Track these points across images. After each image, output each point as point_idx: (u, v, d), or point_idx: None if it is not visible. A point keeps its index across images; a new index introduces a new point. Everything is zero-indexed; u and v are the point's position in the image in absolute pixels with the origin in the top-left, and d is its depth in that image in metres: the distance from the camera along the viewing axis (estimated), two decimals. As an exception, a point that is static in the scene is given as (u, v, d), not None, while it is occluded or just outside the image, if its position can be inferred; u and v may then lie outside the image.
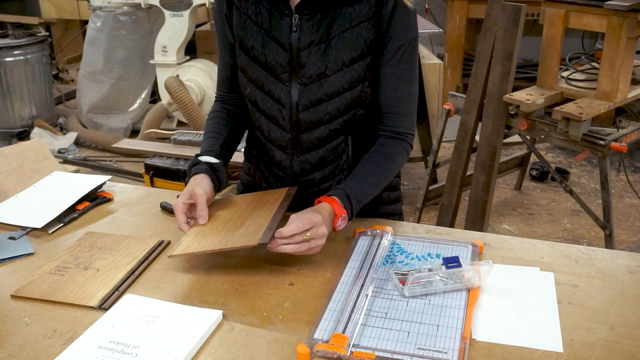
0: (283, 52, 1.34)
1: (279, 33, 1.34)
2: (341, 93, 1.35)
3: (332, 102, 1.35)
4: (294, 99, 1.36)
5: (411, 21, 1.35)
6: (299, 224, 1.19)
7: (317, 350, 0.99)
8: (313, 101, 1.36)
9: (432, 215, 3.45)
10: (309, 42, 1.33)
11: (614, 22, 2.52)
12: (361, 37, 1.32)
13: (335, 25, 1.32)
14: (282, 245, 1.20)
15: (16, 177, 1.63)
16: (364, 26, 1.31)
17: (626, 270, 1.22)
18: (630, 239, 3.26)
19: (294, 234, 1.19)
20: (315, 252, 1.23)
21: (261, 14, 1.36)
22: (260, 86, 1.39)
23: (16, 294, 1.17)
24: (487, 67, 2.79)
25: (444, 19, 4.98)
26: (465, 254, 1.27)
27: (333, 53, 1.32)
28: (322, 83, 1.34)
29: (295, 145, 1.40)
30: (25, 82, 4.65)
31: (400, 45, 1.34)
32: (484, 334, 1.04)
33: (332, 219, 1.27)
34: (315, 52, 1.33)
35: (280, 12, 1.34)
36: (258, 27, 1.36)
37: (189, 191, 1.31)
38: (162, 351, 0.99)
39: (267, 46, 1.35)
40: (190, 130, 3.39)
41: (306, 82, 1.35)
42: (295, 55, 1.34)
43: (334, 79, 1.34)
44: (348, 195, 1.31)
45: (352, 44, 1.32)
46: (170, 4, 4.36)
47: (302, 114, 1.37)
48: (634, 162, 4.19)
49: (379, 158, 1.38)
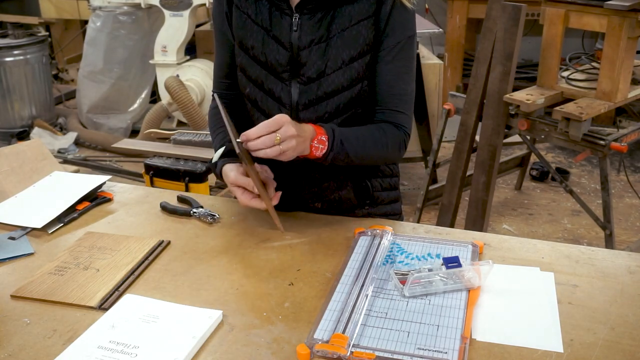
0: (283, 51, 1.35)
1: (279, 32, 1.35)
2: (341, 91, 1.35)
3: (331, 101, 1.36)
4: (294, 98, 1.37)
5: (409, 19, 1.35)
6: (264, 124, 1.18)
7: (317, 350, 0.99)
8: (313, 100, 1.36)
9: (432, 215, 3.45)
10: (309, 41, 1.33)
11: (614, 22, 2.51)
12: (361, 36, 1.32)
13: (335, 24, 1.32)
14: (252, 146, 1.18)
15: (16, 177, 1.63)
16: (363, 24, 1.32)
17: (626, 270, 1.22)
18: (630, 239, 3.26)
19: (260, 135, 1.17)
20: (288, 156, 1.20)
21: (261, 13, 1.36)
22: (260, 85, 1.39)
23: (16, 294, 1.17)
24: (487, 67, 2.79)
25: (444, 19, 4.98)
26: (465, 254, 1.26)
27: (333, 52, 1.32)
28: (322, 82, 1.34)
29: None
30: (25, 82, 4.65)
31: (397, 42, 1.35)
32: (484, 334, 1.04)
33: (311, 137, 1.25)
34: (315, 51, 1.33)
35: (281, 11, 1.34)
36: (258, 26, 1.36)
37: (236, 180, 1.30)
38: (162, 351, 0.99)
39: (267, 45, 1.36)
40: (190, 130, 3.39)
41: (306, 81, 1.35)
42: (296, 54, 1.34)
43: (334, 77, 1.34)
44: (333, 129, 1.30)
45: (352, 43, 1.32)
46: (170, 4, 4.36)
47: (302, 113, 1.37)
48: (634, 162, 4.19)
49: (373, 127, 1.38)
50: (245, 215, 1.46)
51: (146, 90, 4.84)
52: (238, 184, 1.30)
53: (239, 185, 1.30)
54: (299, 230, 1.38)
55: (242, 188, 1.30)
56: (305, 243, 1.33)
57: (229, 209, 1.49)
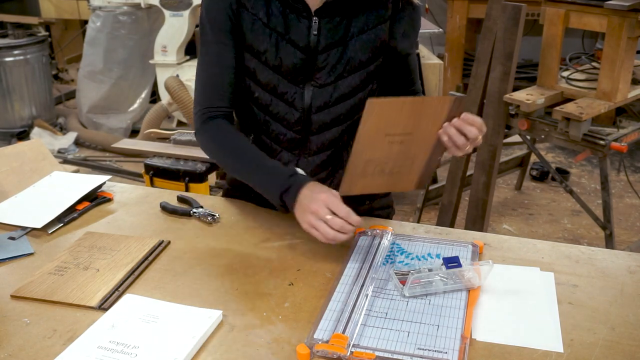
0: (300, 54, 1.32)
1: (296, 36, 1.32)
2: (354, 93, 1.35)
3: (345, 103, 1.37)
4: (307, 102, 1.36)
5: (419, 18, 1.41)
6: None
7: (317, 350, 0.99)
8: (327, 103, 1.36)
9: (432, 215, 3.45)
10: (327, 45, 1.32)
11: (614, 22, 2.51)
12: (377, 39, 1.34)
13: (353, 28, 1.32)
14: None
15: (16, 177, 1.63)
16: (380, 28, 1.34)
17: (626, 270, 1.22)
18: (630, 239, 3.26)
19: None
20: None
21: (274, 16, 1.31)
22: (271, 89, 1.36)
23: (16, 294, 1.16)
24: (487, 67, 2.79)
25: (444, 19, 4.98)
26: (466, 254, 1.26)
27: (350, 54, 1.33)
28: (338, 85, 1.35)
29: (303, 146, 1.40)
30: (25, 82, 4.65)
31: (412, 43, 1.40)
32: (484, 334, 1.04)
33: None
34: (333, 55, 1.33)
35: (297, 14, 1.31)
36: (270, 29, 1.32)
37: (326, 201, 1.19)
38: (162, 351, 0.99)
39: (282, 49, 1.32)
40: (190, 130, 3.39)
41: (322, 84, 1.35)
42: (313, 58, 1.33)
43: (350, 80, 1.35)
44: None
45: (368, 45, 1.34)
46: (170, 3, 4.36)
47: (315, 116, 1.37)
48: (634, 162, 4.19)
49: None
50: (245, 215, 1.46)
51: (146, 90, 4.83)
52: (333, 208, 1.18)
53: (331, 209, 1.18)
54: (299, 230, 1.38)
55: (332, 213, 1.18)
56: (305, 243, 1.33)
57: (229, 209, 1.49)
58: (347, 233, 1.18)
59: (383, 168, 1.25)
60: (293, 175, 1.27)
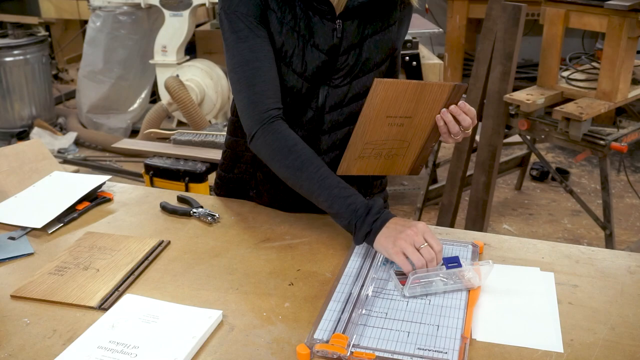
0: (323, 57, 1.33)
1: (320, 39, 1.31)
2: (365, 93, 1.36)
3: (357, 103, 1.39)
4: (321, 101, 1.37)
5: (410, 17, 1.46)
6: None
7: (317, 350, 0.99)
8: (340, 102, 1.38)
9: (432, 215, 3.45)
10: (348, 46, 1.34)
11: (614, 22, 2.52)
12: (390, 40, 1.38)
13: (367, 29, 1.35)
14: None
15: (16, 177, 1.63)
16: (391, 29, 1.37)
17: (626, 270, 1.22)
18: (630, 239, 3.26)
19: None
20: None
21: (300, 19, 1.30)
22: (288, 90, 1.35)
23: (16, 294, 1.16)
24: (487, 67, 2.79)
25: (444, 19, 4.98)
26: (466, 254, 1.26)
27: (366, 55, 1.36)
28: (353, 85, 1.37)
29: (314, 146, 1.40)
30: (25, 82, 4.65)
31: (400, 42, 1.44)
32: (484, 334, 1.04)
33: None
34: (351, 56, 1.35)
35: (321, 17, 1.31)
36: (297, 33, 1.30)
37: (421, 232, 1.17)
38: (162, 351, 0.99)
39: (308, 53, 1.31)
40: (190, 130, 3.39)
41: (337, 85, 1.36)
42: (334, 59, 1.34)
43: (365, 80, 1.38)
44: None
45: (382, 46, 1.37)
46: (170, 3, 4.36)
47: (327, 115, 1.39)
48: (634, 162, 4.19)
49: None
50: (245, 215, 1.46)
51: (146, 90, 4.83)
52: (428, 239, 1.16)
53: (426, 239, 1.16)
54: (299, 230, 1.38)
55: (429, 247, 1.16)
56: (305, 243, 1.33)
57: (229, 209, 1.49)
58: (434, 266, 1.16)
59: (380, 151, 1.35)
60: (377, 208, 1.23)
